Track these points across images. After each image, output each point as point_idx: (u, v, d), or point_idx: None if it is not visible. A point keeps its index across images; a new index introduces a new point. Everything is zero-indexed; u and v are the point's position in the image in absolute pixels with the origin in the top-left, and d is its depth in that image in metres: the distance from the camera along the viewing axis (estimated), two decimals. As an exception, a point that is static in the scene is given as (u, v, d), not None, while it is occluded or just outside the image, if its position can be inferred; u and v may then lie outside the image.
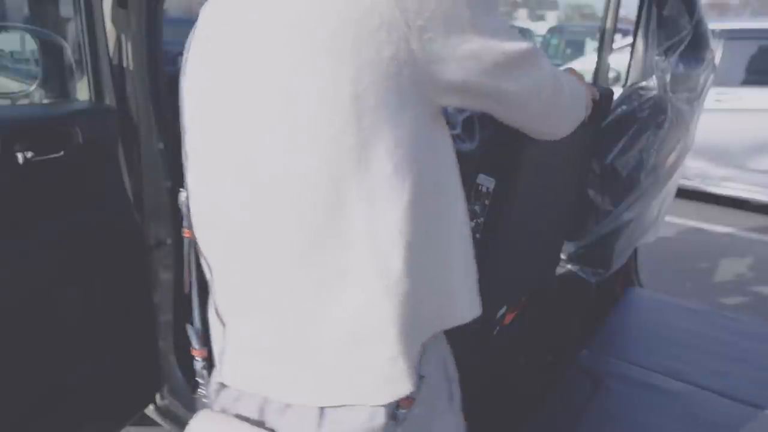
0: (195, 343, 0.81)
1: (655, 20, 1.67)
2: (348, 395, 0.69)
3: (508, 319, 1.68)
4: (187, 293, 0.74)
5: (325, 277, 0.65)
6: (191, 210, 0.71)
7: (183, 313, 1.59)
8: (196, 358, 0.81)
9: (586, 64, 5.92)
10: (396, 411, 0.71)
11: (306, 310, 0.67)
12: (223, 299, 0.74)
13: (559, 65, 7.61)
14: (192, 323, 0.77)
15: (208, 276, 0.73)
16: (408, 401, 0.71)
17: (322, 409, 0.69)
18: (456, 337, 0.83)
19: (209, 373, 0.78)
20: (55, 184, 1.29)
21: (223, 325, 0.74)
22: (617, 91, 1.80)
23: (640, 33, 1.99)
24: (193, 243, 0.72)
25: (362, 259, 0.64)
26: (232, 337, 0.73)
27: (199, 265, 0.78)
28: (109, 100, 1.43)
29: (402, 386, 0.69)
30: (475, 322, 0.75)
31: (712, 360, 1.96)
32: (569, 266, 1.92)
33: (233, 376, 0.74)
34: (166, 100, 1.48)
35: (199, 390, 0.81)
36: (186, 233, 0.72)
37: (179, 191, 0.73)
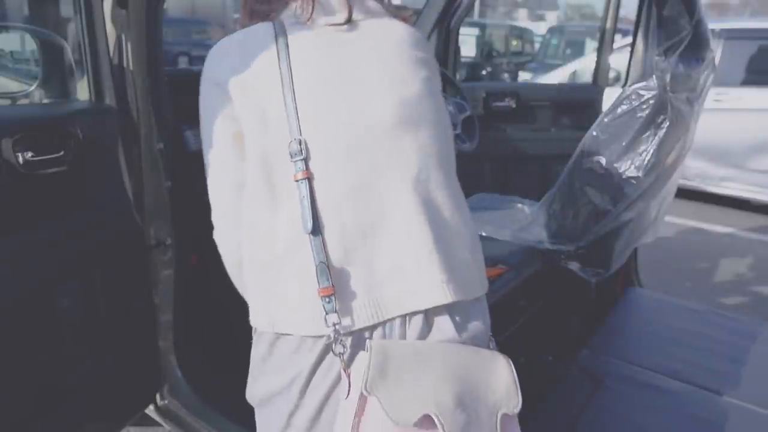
0: (324, 280, 0.82)
1: (655, 20, 1.67)
2: (475, 289, 0.93)
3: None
4: (310, 233, 0.83)
5: (456, 194, 0.94)
6: (316, 150, 0.86)
7: (183, 313, 1.60)
8: (326, 297, 0.82)
9: (586, 64, 5.92)
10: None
11: (451, 221, 0.91)
12: (346, 237, 0.85)
13: (559, 65, 7.61)
14: (316, 262, 0.83)
15: (324, 217, 0.85)
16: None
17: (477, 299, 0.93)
18: None
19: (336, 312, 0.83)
20: (55, 184, 1.29)
21: (341, 266, 0.85)
22: (617, 91, 1.80)
23: (640, 33, 1.99)
24: (310, 181, 0.84)
25: (462, 192, 0.97)
26: (359, 273, 0.85)
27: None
28: (109, 100, 1.43)
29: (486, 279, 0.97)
30: None
31: (712, 360, 1.95)
32: (569, 266, 1.92)
33: (369, 310, 0.85)
34: (166, 100, 1.48)
35: (336, 328, 0.83)
36: (304, 174, 0.84)
37: (291, 142, 0.85)
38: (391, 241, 0.86)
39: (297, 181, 0.84)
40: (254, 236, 0.91)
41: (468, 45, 8.65)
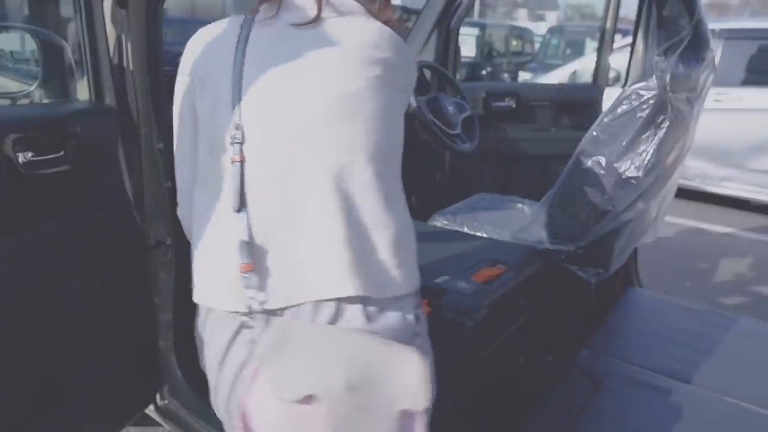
0: (244, 257, 0.88)
1: (655, 20, 1.67)
2: (392, 288, 0.93)
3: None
4: (237, 212, 0.89)
5: (388, 192, 0.95)
6: (252, 137, 0.91)
7: (183, 313, 1.60)
8: (245, 273, 0.88)
9: (586, 64, 5.92)
10: (416, 308, 0.97)
11: (371, 218, 0.92)
12: (268, 221, 0.90)
13: (559, 65, 7.61)
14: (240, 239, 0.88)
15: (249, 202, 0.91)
16: (418, 301, 0.98)
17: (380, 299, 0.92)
18: None
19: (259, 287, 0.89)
20: (55, 184, 1.29)
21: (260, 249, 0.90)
22: (617, 91, 1.80)
23: (640, 33, 1.99)
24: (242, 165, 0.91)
25: (400, 191, 0.99)
26: (276, 257, 0.90)
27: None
28: (109, 100, 1.43)
29: (416, 280, 0.98)
30: None
31: (712, 360, 1.95)
32: (569, 266, 1.92)
33: (282, 292, 0.90)
34: (166, 100, 1.48)
35: (251, 305, 0.88)
36: (239, 157, 0.90)
37: (232, 127, 0.91)
38: (307, 231, 0.90)
39: (233, 163, 0.91)
40: (197, 216, 0.99)
41: (468, 45, 8.66)
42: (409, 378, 0.87)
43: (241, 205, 0.90)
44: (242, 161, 0.91)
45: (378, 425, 0.86)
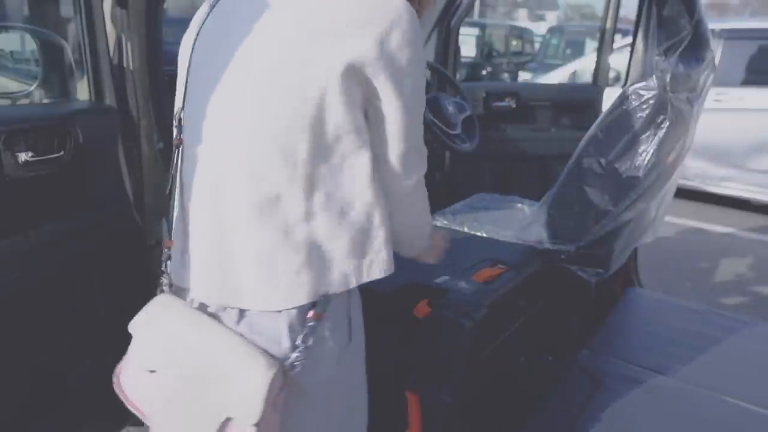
0: (166, 234, 0.94)
1: (655, 20, 1.67)
2: (250, 301, 0.86)
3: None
4: (168, 192, 0.95)
5: (264, 203, 0.84)
6: (186, 122, 0.93)
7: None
8: (165, 249, 0.95)
9: (586, 64, 5.92)
10: (305, 323, 0.86)
11: (238, 228, 0.85)
12: (188, 205, 0.93)
13: (559, 65, 7.61)
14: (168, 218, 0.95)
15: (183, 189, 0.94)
16: (316, 315, 0.86)
17: (242, 311, 0.87)
18: None
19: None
20: (55, 184, 1.29)
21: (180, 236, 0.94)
22: (617, 91, 1.80)
23: (640, 33, 1.99)
24: (182, 150, 0.93)
25: (294, 187, 0.83)
26: (192, 242, 0.92)
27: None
28: (109, 100, 1.43)
29: (304, 295, 0.85)
30: None
31: (712, 360, 1.95)
32: (569, 266, 1.92)
33: (181, 276, 0.94)
34: (166, 100, 1.48)
35: (162, 279, 0.95)
36: (178, 141, 0.94)
37: (177, 110, 0.94)
38: (193, 227, 0.93)
39: (174, 146, 0.95)
40: None
41: (468, 45, 8.65)
42: (243, 386, 0.81)
43: (172, 187, 0.95)
44: (179, 145, 0.94)
45: (201, 422, 0.84)
